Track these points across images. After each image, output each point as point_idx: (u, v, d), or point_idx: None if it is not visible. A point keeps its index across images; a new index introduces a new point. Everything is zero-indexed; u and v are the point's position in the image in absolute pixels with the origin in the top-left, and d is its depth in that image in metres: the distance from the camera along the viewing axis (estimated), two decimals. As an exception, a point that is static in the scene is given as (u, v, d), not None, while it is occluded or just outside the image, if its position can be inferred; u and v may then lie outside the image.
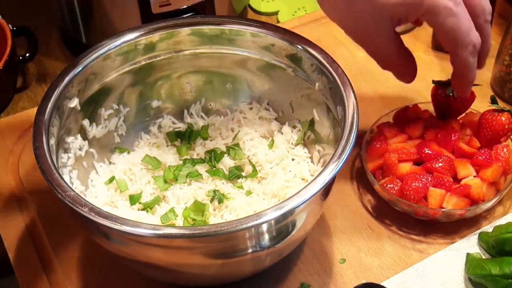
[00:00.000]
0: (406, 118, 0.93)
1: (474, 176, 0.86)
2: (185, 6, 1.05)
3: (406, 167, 0.87)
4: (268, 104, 0.94)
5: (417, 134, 0.91)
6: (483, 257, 0.83)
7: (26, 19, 1.19)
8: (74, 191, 0.72)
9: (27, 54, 1.09)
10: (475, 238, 0.86)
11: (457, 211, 0.84)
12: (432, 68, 1.07)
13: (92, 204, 0.71)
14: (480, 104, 0.97)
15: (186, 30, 0.89)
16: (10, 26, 1.07)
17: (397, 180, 0.87)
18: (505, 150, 0.88)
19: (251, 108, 0.94)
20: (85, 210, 0.70)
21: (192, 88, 0.94)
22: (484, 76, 1.06)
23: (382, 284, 0.81)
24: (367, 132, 0.92)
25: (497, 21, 1.12)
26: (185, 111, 0.94)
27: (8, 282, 0.90)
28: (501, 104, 0.97)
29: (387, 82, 1.06)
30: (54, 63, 1.15)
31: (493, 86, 1.04)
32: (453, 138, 0.89)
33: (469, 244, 0.85)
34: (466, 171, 0.87)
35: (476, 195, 0.85)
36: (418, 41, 1.12)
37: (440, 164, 0.86)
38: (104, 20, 1.07)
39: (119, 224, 0.69)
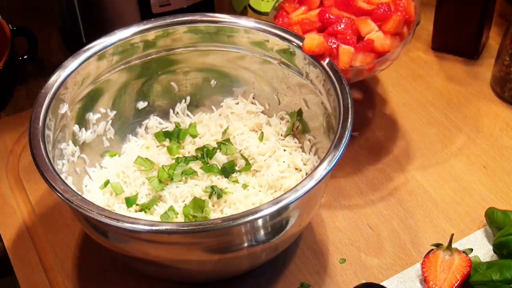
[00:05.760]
0: None
1: (377, 31, 0.87)
2: (185, 6, 1.05)
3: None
4: (253, 98, 0.94)
5: (316, 4, 0.92)
6: (481, 258, 0.83)
7: (26, 19, 1.19)
8: (73, 190, 0.72)
9: (27, 54, 1.09)
10: (475, 238, 0.86)
11: (365, 66, 0.85)
12: (432, 68, 1.07)
13: (91, 202, 0.71)
14: (480, 104, 0.97)
15: (172, 29, 0.89)
16: (10, 26, 1.07)
17: None
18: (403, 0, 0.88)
19: (237, 103, 0.94)
20: (84, 208, 0.70)
21: (176, 86, 0.94)
22: (484, 76, 1.06)
23: (382, 284, 0.81)
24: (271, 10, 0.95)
25: (497, 21, 1.12)
26: (171, 111, 0.94)
27: (8, 282, 0.90)
28: (501, 104, 0.97)
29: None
30: (54, 63, 1.15)
31: (493, 86, 1.04)
32: None
33: (468, 244, 0.85)
34: (368, 27, 0.88)
35: (381, 48, 0.86)
36: (418, 41, 1.12)
37: (342, 26, 0.87)
38: (104, 20, 1.07)
39: (117, 221, 0.69)
